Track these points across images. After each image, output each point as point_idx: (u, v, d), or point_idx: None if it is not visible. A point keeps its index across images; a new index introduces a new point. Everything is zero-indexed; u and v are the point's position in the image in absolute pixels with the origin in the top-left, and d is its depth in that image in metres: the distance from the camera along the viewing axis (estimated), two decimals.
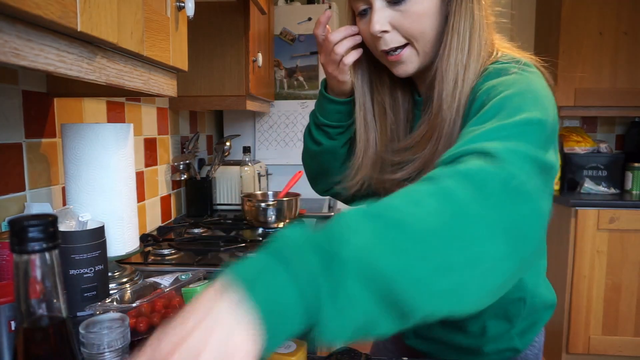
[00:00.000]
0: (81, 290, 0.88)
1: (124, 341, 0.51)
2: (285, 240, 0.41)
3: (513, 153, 0.46)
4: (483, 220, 0.41)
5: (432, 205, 0.42)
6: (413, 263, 0.39)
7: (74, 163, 0.98)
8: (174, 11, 0.85)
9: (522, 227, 0.43)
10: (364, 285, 0.38)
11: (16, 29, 0.45)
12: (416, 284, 0.39)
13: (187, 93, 1.79)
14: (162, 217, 1.78)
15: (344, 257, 0.38)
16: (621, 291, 2.45)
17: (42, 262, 0.39)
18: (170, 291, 0.88)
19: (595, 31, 2.55)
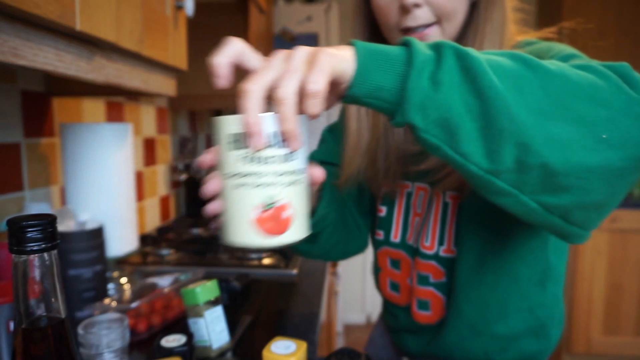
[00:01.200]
0: (80, 291, 0.88)
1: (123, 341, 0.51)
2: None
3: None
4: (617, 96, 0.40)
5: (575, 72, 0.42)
6: (529, 89, 0.39)
7: (73, 163, 0.97)
8: (173, 10, 0.85)
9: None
10: (467, 80, 0.39)
11: (15, 29, 0.45)
12: (525, 109, 0.38)
13: (187, 93, 1.79)
14: (161, 217, 1.78)
15: (467, 54, 0.40)
16: (622, 291, 2.45)
17: (41, 262, 0.39)
18: (170, 291, 0.88)
19: (595, 31, 2.55)
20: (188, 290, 0.72)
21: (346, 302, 2.96)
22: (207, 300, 0.72)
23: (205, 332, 0.72)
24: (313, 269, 1.24)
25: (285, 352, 0.57)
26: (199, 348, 0.73)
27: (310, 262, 1.29)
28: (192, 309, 0.72)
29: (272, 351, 0.57)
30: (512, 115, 0.38)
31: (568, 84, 0.40)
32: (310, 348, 0.78)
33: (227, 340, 0.74)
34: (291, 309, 0.96)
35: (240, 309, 0.95)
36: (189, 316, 0.73)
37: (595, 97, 0.40)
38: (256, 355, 0.75)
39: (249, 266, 1.21)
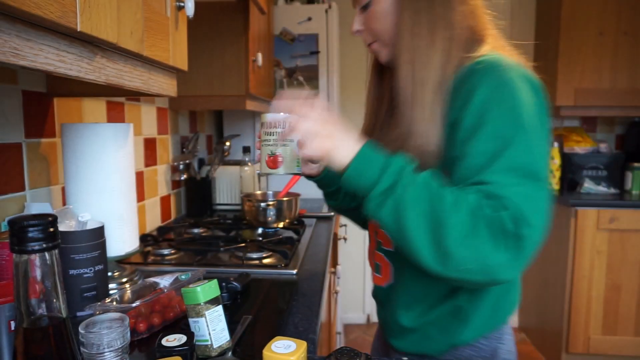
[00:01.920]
0: (81, 290, 0.88)
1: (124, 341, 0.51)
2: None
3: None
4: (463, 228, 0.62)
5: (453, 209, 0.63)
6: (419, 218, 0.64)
7: (74, 163, 0.98)
8: (173, 11, 0.85)
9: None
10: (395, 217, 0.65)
11: (16, 29, 0.45)
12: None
13: (187, 93, 1.79)
14: (161, 217, 1.78)
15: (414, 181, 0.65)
16: (621, 291, 2.45)
17: (42, 262, 0.40)
18: (170, 291, 0.88)
19: (595, 31, 2.55)
20: (189, 289, 0.72)
21: (346, 302, 2.96)
22: (208, 299, 0.72)
23: (206, 331, 0.72)
24: (313, 269, 1.24)
25: (286, 352, 0.57)
26: (199, 347, 0.73)
27: (310, 262, 1.29)
28: (193, 309, 0.72)
29: (272, 350, 0.57)
30: (411, 243, 0.64)
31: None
32: (310, 348, 0.78)
33: (227, 340, 0.74)
34: (291, 309, 0.96)
35: (241, 309, 0.95)
36: (190, 316, 0.73)
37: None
38: (256, 354, 0.75)
39: (249, 266, 1.21)
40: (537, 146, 0.66)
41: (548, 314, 2.68)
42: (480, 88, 0.68)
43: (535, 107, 0.68)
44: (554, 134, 2.89)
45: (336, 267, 1.98)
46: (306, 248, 1.43)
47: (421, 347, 0.82)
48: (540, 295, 2.80)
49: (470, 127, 0.67)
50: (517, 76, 0.69)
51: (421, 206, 0.62)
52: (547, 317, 2.69)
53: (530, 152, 0.65)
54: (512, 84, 0.68)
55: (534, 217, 0.62)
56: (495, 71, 0.69)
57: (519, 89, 0.68)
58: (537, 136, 0.66)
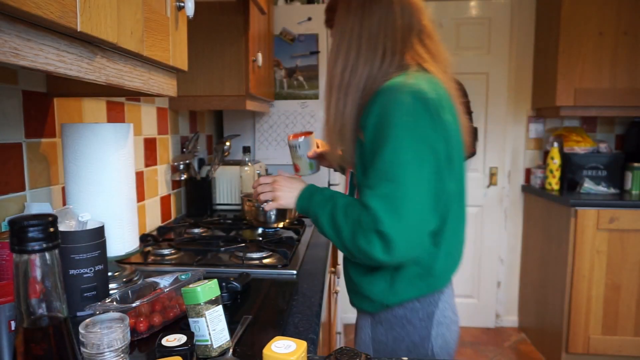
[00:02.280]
0: (81, 290, 0.88)
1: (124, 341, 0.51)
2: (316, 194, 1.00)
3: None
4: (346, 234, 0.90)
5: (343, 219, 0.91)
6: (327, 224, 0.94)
7: (74, 163, 0.98)
8: (173, 11, 0.85)
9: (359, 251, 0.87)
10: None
11: (16, 29, 0.45)
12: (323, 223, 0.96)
13: (187, 93, 1.79)
14: (162, 217, 1.78)
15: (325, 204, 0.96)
16: (621, 291, 2.45)
17: (42, 262, 0.40)
18: (170, 291, 0.88)
19: (595, 31, 2.55)
20: (189, 289, 0.72)
21: (346, 302, 2.96)
22: (208, 299, 0.73)
23: (206, 331, 0.72)
24: (313, 269, 1.24)
25: (286, 352, 0.57)
26: (199, 347, 0.73)
27: (310, 262, 1.29)
28: (193, 309, 0.72)
29: (272, 350, 0.58)
30: (324, 233, 0.96)
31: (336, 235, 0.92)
32: (310, 348, 0.78)
33: (227, 340, 0.74)
34: (291, 308, 0.96)
35: (241, 309, 0.95)
36: (190, 316, 0.73)
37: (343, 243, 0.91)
38: (256, 354, 0.75)
39: (249, 266, 1.21)
40: (403, 154, 0.83)
41: (548, 314, 2.68)
42: (374, 107, 0.87)
43: (413, 120, 0.84)
44: (554, 134, 2.89)
45: (336, 267, 1.98)
46: (306, 248, 1.43)
47: (363, 305, 1.02)
48: (540, 295, 2.80)
49: (368, 146, 0.89)
50: (404, 95, 0.85)
51: (329, 222, 0.92)
52: (547, 317, 2.69)
53: (393, 160, 0.83)
54: (396, 103, 0.84)
55: (388, 216, 0.81)
56: (388, 92, 0.87)
57: (404, 106, 0.84)
58: (405, 145, 0.83)
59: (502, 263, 3.12)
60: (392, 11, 0.93)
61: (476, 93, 2.96)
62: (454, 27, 2.95)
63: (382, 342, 0.99)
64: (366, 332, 1.02)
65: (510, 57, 2.95)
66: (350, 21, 0.94)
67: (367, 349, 1.01)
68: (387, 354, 0.99)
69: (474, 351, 2.80)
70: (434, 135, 0.86)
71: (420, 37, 0.97)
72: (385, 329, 0.98)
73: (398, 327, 0.97)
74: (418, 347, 0.97)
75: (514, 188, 3.06)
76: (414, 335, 0.97)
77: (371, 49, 0.92)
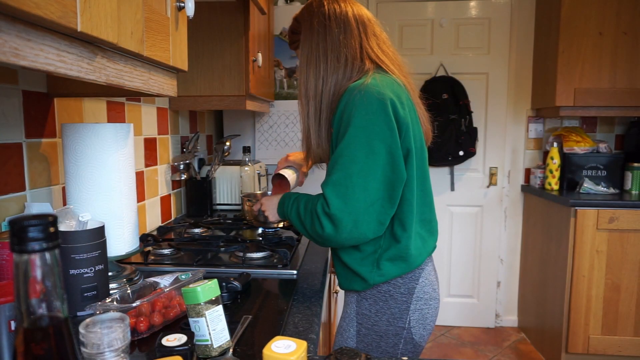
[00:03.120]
0: (81, 290, 0.88)
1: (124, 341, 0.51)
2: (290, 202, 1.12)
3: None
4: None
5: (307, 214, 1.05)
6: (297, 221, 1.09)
7: (74, 163, 0.98)
8: (174, 11, 0.85)
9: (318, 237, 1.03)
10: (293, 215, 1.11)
11: (16, 29, 0.46)
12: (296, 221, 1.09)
13: (187, 93, 1.79)
14: (162, 217, 1.78)
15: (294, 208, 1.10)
16: (620, 291, 2.46)
17: (42, 261, 0.40)
18: (170, 291, 0.88)
19: (594, 31, 2.55)
20: (189, 289, 0.73)
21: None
22: (208, 299, 0.73)
23: (206, 331, 0.72)
24: (313, 269, 1.24)
25: (286, 352, 0.57)
26: (199, 347, 0.73)
27: (310, 262, 1.29)
28: (193, 309, 0.72)
29: (272, 350, 0.58)
30: (299, 230, 1.09)
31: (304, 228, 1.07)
32: (310, 348, 0.78)
33: (227, 340, 0.75)
34: (291, 308, 0.96)
35: (241, 309, 0.95)
36: (190, 315, 0.73)
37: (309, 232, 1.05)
38: (256, 354, 0.75)
39: (249, 266, 1.21)
40: (355, 147, 0.96)
41: (548, 314, 2.68)
42: (340, 106, 1.01)
43: (368, 117, 0.97)
44: (554, 134, 2.89)
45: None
46: (306, 248, 1.43)
47: (353, 286, 1.11)
48: (539, 295, 2.80)
49: (335, 139, 1.03)
50: (362, 95, 0.98)
51: (296, 218, 1.07)
52: (547, 317, 2.69)
53: (345, 152, 0.97)
54: (355, 103, 0.98)
55: (336, 199, 0.96)
56: (349, 93, 1.00)
57: (361, 105, 0.97)
58: (358, 139, 0.96)
59: (501, 263, 3.12)
60: (350, 26, 1.08)
61: (476, 93, 2.96)
62: (453, 27, 2.95)
63: (365, 315, 1.10)
64: (352, 307, 1.12)
65: (510, 57, 2.95)
66: (315, 39, 1.09)
67: (351, 322, 1.12)
68: (369, 325, 1.10)
69: (473, 351, 2.80)
70: (387, 131, 0.98)
71: (378, 43, 1.11)
72: (370, 304, 1.09)
73: (381, 302, 1.09)
74: (397, 319, 1.08)
75: (514, 188, 3.06)
76: (394, 308, 1.08)
77: (335, 60, 1.07)
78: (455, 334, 3.04)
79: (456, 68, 2.95)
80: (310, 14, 1.12)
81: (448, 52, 2.96)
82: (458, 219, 3.07)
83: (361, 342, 1.10)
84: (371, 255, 1.07)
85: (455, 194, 3.05)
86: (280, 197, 1.16)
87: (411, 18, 2.95)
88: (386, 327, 1.08)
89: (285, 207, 1.12)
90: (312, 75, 1.10)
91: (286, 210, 1.11)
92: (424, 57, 2.96)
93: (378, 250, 1.07)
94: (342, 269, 1.13)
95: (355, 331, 1.10)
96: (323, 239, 1.00)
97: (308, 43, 1.10)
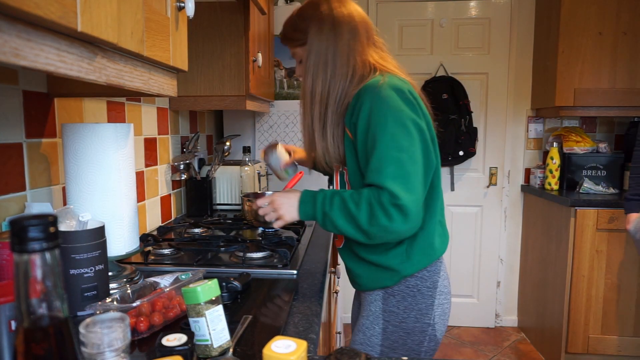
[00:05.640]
0: (81, 290, 0.88)
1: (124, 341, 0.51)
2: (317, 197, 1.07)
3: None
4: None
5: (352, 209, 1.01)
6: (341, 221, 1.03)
7: (74, 163, 0.98)
8: (174, 11, 0.85)
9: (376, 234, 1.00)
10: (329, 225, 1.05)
11: (16, 29, 0.46)
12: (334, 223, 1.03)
13: (187, 93, 1.79)
14: (162, 217, 1.78)
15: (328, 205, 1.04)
16: (620, 291, 2.46)
17: (43, 261, 0.40)
18: (170, 291, 0.88)
19: (594, 31, 2.55)
20: (189, 289, 0.73)
21: (346, 301, 2.96)
22: (208, 299, 0.73)
23: (206, 331, 0.72)
24: (313, 269, 1.24)
25: (286, 352, 0.57)
26: (199, 347, 0.73)
27: (310, 262, 1.30)
28: (193, 308, 0.72)
29: (272, 350, 0.58)
30: (337, 226, 1.03)
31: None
32: (310, 348, 0.78)
33: (227, 340, 0.75)
34: (291, 308, 0.96)
35: (241, 309, 0.95)
36: (190, 315, 0.73)
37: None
38: (256, 354, 0.75)
39: (249, 266, 1.22)
40: (399, 139, 0.97)
41: (547, 314, 2.68)
42: (364, 105, 1.01)
43: (400, 108, 0.99)
44: (554, 134, 2.89)
45: (336, 267, 1.98)
46: (306, 248, 1.43)
47: (377, 283, 1.11)
48: (539, 295, 2.80)
49: (362, 138, 1.02)
50: (385, 91, 1.00)
51: (342, 218, 1.00)
52: (547, 317, 2.69)
53: (391, 145, 0.97)
54: (381, 99, 0.99)
55: (402, 191, 0.95)
56: (370, 91, 1.01)
57: (388, 98, 0.99)
58: (398, 132, 0.97)
59: (501, 263, 3.12)
60: (358, 32, 1.09)
61: (476, 93, 2.96)
62: (453, 27, 2.95)
63: (393, 312, 1.10)
64: (376, 305, 1.12)
65: (510, 57, 2.95)
66: (324, 44, 1.08)
67: (377, 320, 1.11)
68: (396, 322, 1.09)
69: (473, 351, 2.80)
70: (416, 118, 1.01)
71: (375, 48, 1.14)
72: (397, 300, 1.10)
73: (409, 297, 1.09)
74: (423, 315, 1.09)
75: (514, 188, 3.06)
76: (421, 303, 1.09)
77: (344, 65, 1.08)
78: (455, 333, 3.04)
79: (456, 68, 2.95)
80: (319, 16, 1.10)
81: (448, 52, 2.96)
82: (458, 219, 3.07)
83: (387, 339, 1.10)
84: (399, 246, 1.08)
85: (455, 194, 3.05)
86: (302, 193, 1.10)
87: (411, 18, 2.95)
88: (413, 324, 1.09)
89: (319, 204, 1.04)
90: (320, 79, 1.09)
91: (320, 206, 1.04)
92: (424, 57, 2.96)
93: (404, 241, 1.07)
94: (365, 268, 1.12)
95: (381, 329, 1.10)
96: (387, 230, 0.97)
97: (317, 46, 1.09)
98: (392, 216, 0.95)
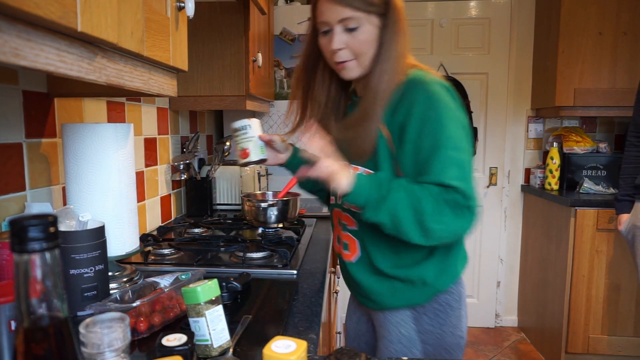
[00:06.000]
0: (81, 290, 0.88)
1: (124, 341, 0.51)
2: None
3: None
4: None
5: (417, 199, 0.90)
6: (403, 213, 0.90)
7: (74, 163, 0.98)
8: (174, 11, 0.85)
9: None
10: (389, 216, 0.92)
11: (16, 29, 0.46)
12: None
13: (187, 93, 1.79)
14: (162, 217, 1.78)
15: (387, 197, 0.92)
16: (620, 291, 2.46)
17: (42, 261, 0.40)
18: (170, 291, 0.88)
19: (594, 31, 2.55)
20: (189, 289, 0.73)
21: (346, 301, 2.97)
22: (208, 299, 0.73)
23: (206, 331, 0.72)
24: (313, 269, 1.24)
25: (286, 352, 0.57)
26: (199, 347, 0.73)
27: (310, 262, 1.29)
28: (193, 308, 0.72)
29: (272, 350, 0.58)
30: (396, 215, 0.90)
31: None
32: (310, 348, 0.78)
33: (227, 340, 0.75)
34: (291, 308, 0.96)
35: (241, 309, 0.95)
36: (190, 315, 0.73)
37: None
38: (256, 354, 0.75)
39: (249, 266, 1.22)
40: (458, 140, 0.92)
41: (547, 314, 2.68)
42: (416, 103, 0.93)
43: (453, 107, 0.95)
44: (554, 134, 2.89)
45: (336, 267, 1.98)
46: (306, 248, 1.43)
47: (405, 301, 1.03)
48: (539, 295, 2.80)
49: (413, 138, 0.93)
50: (435, 87, 0.94)
51: (404, 204, 0.89)
52: (547, 317, 2.69)
53: (453, 146, 0.91)
54: (437, 96, 0.93)
55: (472, 191, 0.90)
56: (419, 86, 0.95)
57: (442, 96, 0.93)
58: (455, 133, 0.92)
59: (501, 263, 3.12)
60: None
61: (476, 93, 2.96)
62: (453, 27, 2.95)
63: (430, 332, 1.03)
64: (408, 328, 1.04)
65: (510, 57, 2.95)
66: (401, 22, 1.01)
67: (414, 343, 1.03)
68: (435, 341, 1.03)
69: (473, 351, 2.80)
70: (463, 116, 0.97)
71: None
72: (431, 318, 1.03)
73: (442, 314, 1.03)
74: (456, 328, 1.05)
75: (514, 188, 3.06)
76: (452, 317, 1.04)
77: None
78: None
79: (456, 68, 2.95)
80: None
81: (448, 52, 2.96)
82: None
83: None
84: (431, 257, 1.00)
85: None
86: (358, 171, 0.96)
87: (411, 18, 2.95)
88: (450, 340, 1.03)
89: (375, 185, 0.92)
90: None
91: (375, 188, 0.92)
92: (424, 57, 2.96)
93: (437, 251, 1.00)
94: (388, 285, 1.03)
95: (421, 352, 1.03)
96: (450, 231, 0.90)
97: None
98: (464, 217, 0.89)
